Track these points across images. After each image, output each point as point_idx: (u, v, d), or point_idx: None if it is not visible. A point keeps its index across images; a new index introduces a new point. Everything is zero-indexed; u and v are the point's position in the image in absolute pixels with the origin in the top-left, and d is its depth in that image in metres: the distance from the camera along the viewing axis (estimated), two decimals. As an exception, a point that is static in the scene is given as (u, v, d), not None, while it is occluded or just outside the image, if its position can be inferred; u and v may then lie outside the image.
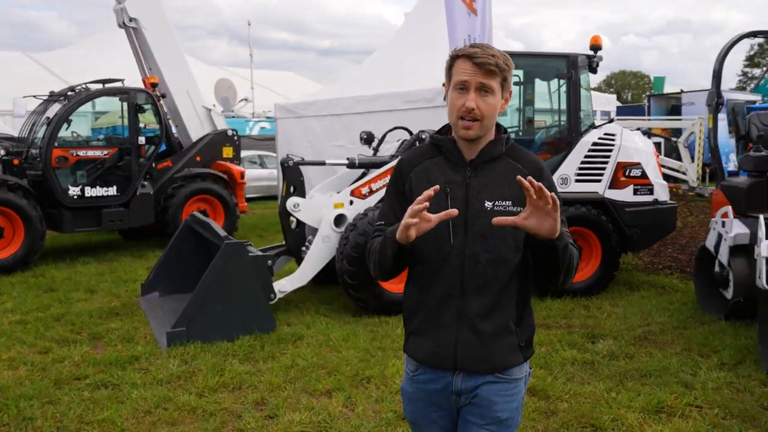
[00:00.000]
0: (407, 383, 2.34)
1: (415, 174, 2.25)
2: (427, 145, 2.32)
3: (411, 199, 2.11)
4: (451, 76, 2.16)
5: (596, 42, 7.51)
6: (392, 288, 6.82)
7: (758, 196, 6.20)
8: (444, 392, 2.24)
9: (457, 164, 2.22)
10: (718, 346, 5.56)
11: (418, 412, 2.33)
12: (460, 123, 2.14)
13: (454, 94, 2.14)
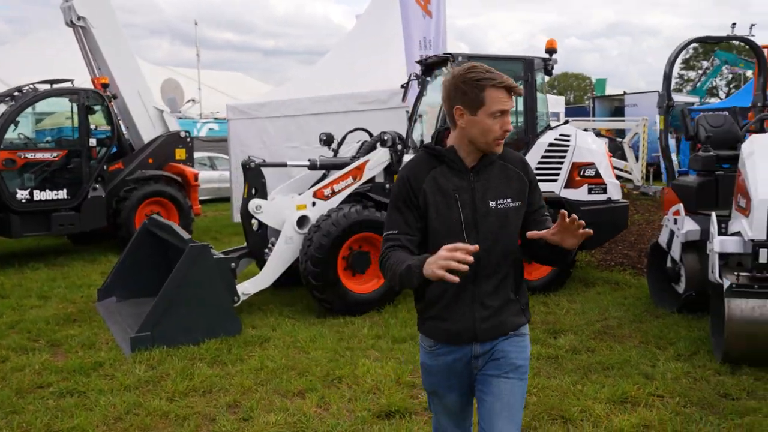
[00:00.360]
0: (426, 357, 2.59)
1: (428, 186, 2.44)
2: (424, 157, 2.50)
3: (426, 209, 2.41)
4: (483, 103, 2.33)
5: (551, 45, 7.70)
6: (357, 288, 6.87)
7: (707, 195, 6.48)
8: (462, 360, 2.52)
9: (460, 171, 2.46)
10: (673, 338, 5.79)
11: (437, 382, 2.59)
12: (495, 142, 2.39)
13: (491, 120, 2.34)
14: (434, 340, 2.54)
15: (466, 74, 2.34)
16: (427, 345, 2.58)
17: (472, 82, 2.32)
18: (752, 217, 4.97)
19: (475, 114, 2.35)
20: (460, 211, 2.41)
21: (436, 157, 2.47)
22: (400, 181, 2.46)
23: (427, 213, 2.42)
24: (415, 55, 10.52)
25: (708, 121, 6.97)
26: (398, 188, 2.46)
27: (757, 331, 4.89)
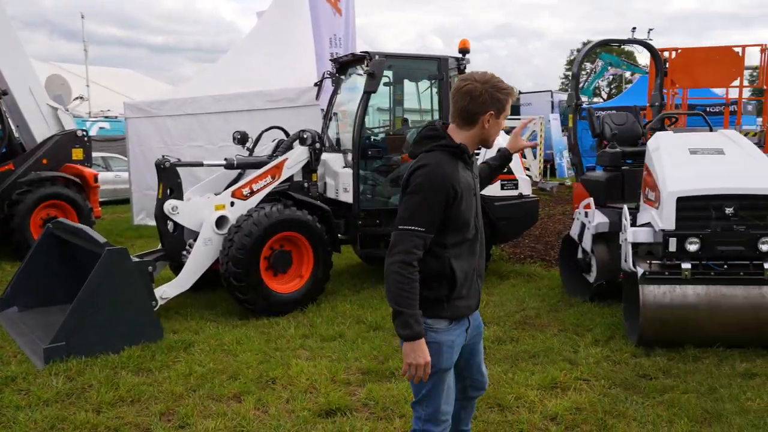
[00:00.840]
0: (447, 335, 2.76)
1: (461, 184, 2.68)
2: (445, 155, 2.70)
3: (458, 203, 2.66)
4: (504, 109, 2.76)
5: (464, 45, 7.90)
6: (279, 288, 6.78)
7: (615, 189, 6.87)
8: (464, 332, 2.87)
9: (467, 165, 2.78)
10: (589, 325, 6.10)
11: (455, 355, 2.83)
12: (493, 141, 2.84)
13: (501, 121, 2.77)
14: (455, 318, 2.78)
15: (498, 84, 2.70)
16: (445, 325, 2.76)
17: (502, 92, 2.71)
18: (662, 209, 5.31)
19: (498, 118, 2.73)
20: (474, 198, 2.78)
21: (455, 155, 2.71)
22: (440, 181, 2.61)
23: (455, 205, 2.65)
24: (326, 53, 10.52)
25: (612, 120, 7.38)
26: (436, 186, 2.61)
27: (668, 315, 5.24)
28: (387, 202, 7.75)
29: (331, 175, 7.78)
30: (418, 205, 2.61)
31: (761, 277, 5.18)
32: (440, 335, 2.73)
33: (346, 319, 6.51)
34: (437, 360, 2.72)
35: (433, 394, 2.80)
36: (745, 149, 5.76)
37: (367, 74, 7.17)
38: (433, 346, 2.70)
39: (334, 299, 7.24)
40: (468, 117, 2.71)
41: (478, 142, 2.78)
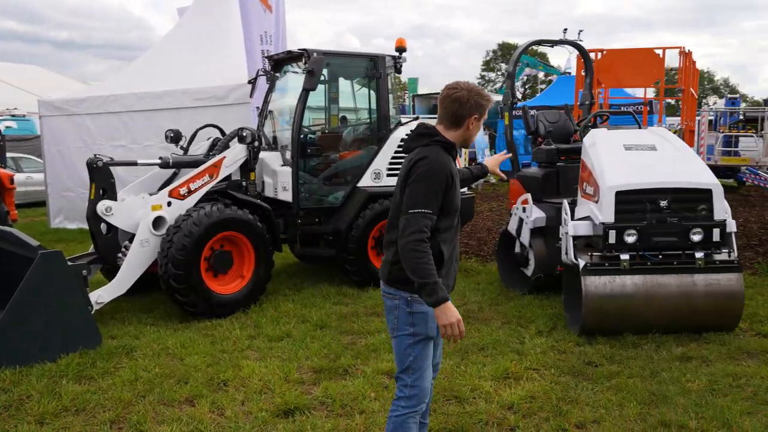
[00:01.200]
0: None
1: (454, 172, 3.07)
2: (440, 150, 3.05)
3: (453, 189, 3.03)
4: (484, 114, 3.13)
5: (401, 44, 7.96)
6: (220, 289, 6.64)
7: (551, 184, 7.10)
8: None
9: (453, 159, 3.14)
10: (531, 317, 6.28)
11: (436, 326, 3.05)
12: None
13: (480, 124, 3.15)
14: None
15: (481, 92, 3.10)
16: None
17: (484, 99, 3.10)
18: (601, 203, 5.53)
19: (479, 121, 3.13)
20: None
21: (447, 149, 3.09)
22: (441, 170, 2.97)
23: (450, 192, 3.01)
24: (257, 50, 10.37)
25: (546, 118, 7.62)
26: (439, 174, 2.96)
27: (609, 304, 5.46)
28: (326, 201, 7.72)
29: (269, 173, 7.68)
30: (424, 191, 2.93)
31: (692, 266, 5.47)
32: (424, 305, 3.00)
33: (291, 318, 6.44)
34: (424, 328, 3.05)
35: (419, 361, 3.09)
36: (675, 145, 6.07)
37: (307, 72, 7.12)
38: (421, 315, 3.03)
39: (276, 299, 7.15)
40: (456, 120, 3.09)
41: (461, 142, 3.17)
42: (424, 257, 2.86)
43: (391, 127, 7.91)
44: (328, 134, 8.08)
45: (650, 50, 10.51)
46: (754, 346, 5.31)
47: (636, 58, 10.41)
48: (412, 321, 3.04)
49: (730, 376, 4.72)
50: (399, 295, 3.07)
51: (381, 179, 7.83)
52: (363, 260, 7.54)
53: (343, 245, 7.49)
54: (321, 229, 7.66)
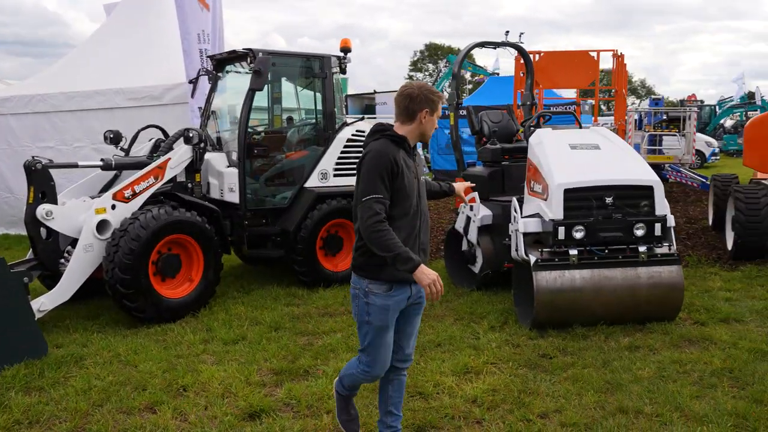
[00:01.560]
0: (383, 299, 3.34)
1: (402, 162, 3.32)
2: (387, 143, 3.33)
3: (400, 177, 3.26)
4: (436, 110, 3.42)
5: (346, 44, 7.98)
6: (169, 293, 6.51)
7: (496, 183, 7.27)
8: (404, 300, 3.41)
9: (408, 153, 3.44)
10: (482, 312, 6.42)
11: (390, 317, 3.38)
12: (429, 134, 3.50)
13: (435, 118, 3.44)
14: (392, 284, 3.34)
15: (431, 89, 3.40)
16: (382, 290, 3.34)
17: (434, 95, 3.39)
18: (551, 201, 5.72)
19: (431, 116, 3.41)
20: (415, 180, 3.39)
21: (398, 143, 3.36)
22: (383, 157, 3.23)
23: (398, 180, 3.26)
24: (194, 49, 10.15)
25: (490, 118, 7.80)
26: (381, 162, 3.22)
27: (559, 298, 5.65)
28: (273, 201, 7.67)
29: (215, 175, 7.56)
30: (370, 178, 3.22)
31: (636, 259, 5.73)
32: (378, 298, 3.34)
33: (243, 321, 6.37)
34: (378, 319, 3.37)
35: (373, 345, 3.43)
36: (617, 144, 6.34)
37: (253, 72, 7.05)
38: (375, 307, 3.35)
39: (225, 302, 7.05)
40: (408, 114, 3.39)
41: (417, 135, 3.44)
42: (386, 234, 3.15)
43: (336, 128, 7.93)
44: (275, 135, 8.02)
45: (585, 53, 10.93)
46: (695, 334, 5.61)
47: (572, 60, 10.80)
48: (368, 311, 3.38)
49: (677, 362, 4.98)
50: (359, 285, 3.40)
51: (328, 179, 7.83)
52: (312, 261, 7.53)
53: (291, 246, 7.46)
54: (269, 230, 7.60)
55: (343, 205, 7.67)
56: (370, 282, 3.34)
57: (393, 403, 3.69)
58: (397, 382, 3.68)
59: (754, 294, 6.83)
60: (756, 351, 5.15)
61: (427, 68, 63.06)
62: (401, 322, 3.50)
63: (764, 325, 5.86)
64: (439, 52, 65.98)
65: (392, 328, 3.43)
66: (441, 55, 66.20)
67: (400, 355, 3.60)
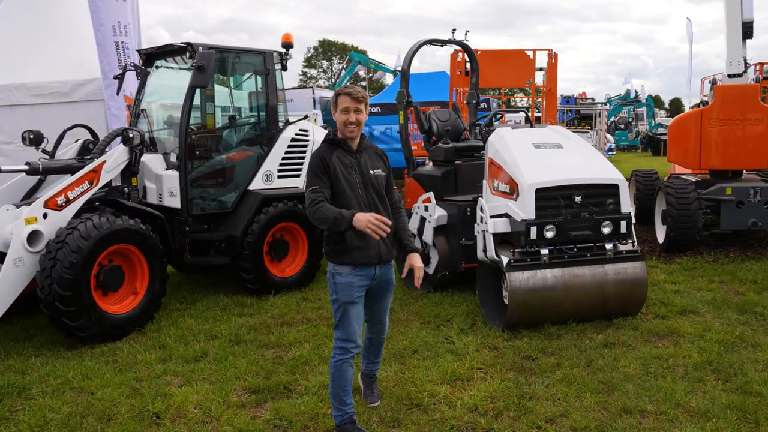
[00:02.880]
0: (349, 278, 3.80)
1: (335, 160, 3.78)
2: (326, 145, 3.88)
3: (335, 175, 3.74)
4: (337, 104, 3.82)
5: (288, 40, 7.63)
6: (113, 309, 5.97)
7: (449, 183, 7.18)
8: (368, 278, 3.86)
9: (349, 152, 3.88)
10: (447, 315, 6.30)
11: (355, 292, 3.81)
12: (347, 128, 3.82)
13: (341, 114, 3.81)
14: (356, 264, 3.79)
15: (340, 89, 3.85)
16: (347, 270, 3.80)
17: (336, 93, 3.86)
18: (522, 201, 5.67)
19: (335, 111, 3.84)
20: (355, 175, 3.81)
21: (335, 144, 3.87)
22: (314, 158, 3.80)
23: (333, 176, 3.74)
24: (109, 42, 9.47)
25: (438, 116, 7.69)
26: (312, 162, 3.79)
27: (532, 298, 5.62)
28: (216, 205, 7.22)
29: (152, 178, 7.02)
30: (307, 175, 3.81)
31: (603, 256, 5.80)
32: (342, 277, 3.80)
33: (198, 335, 5.93)
34: (343, 296, 3.81)
35: (343, 321, 3.84)
36: (577, 143, 6.39)
37: (196, 68, 6.57)
38: (340, 285, 3.81)
39: (171, 314, 6.56)
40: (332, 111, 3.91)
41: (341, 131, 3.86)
42: (321, 209, 3.61)
43: (280, 127, 7.58)
44: (216, 134, 7.55)
45: (521, 52, 11.08)
46: (661, 328, 5.74)
47: (508, 59, 10.91)
48: (336, 289, 3.83)
49: (657, 358, 5.06)
50: (329, 268, 3.89)
51: (272, 181, 7.48)
52: (259, 267, 7.15)
53: (238, 252, 7.05)
54: (212, 236, 7.15)
55: (289, 208, 7.34)
56: (336, 265, 3.82)
57: (371, 352, 4.34)
58: (376, 341, 4.28)
59: (699, 285, 7.13)
60: (724, 342, 5.33)
61: (321, 65, 62.64)
62: (372, 300, 3.99)
63: (720, 316, 6.10)
64: (332, 49, 65.79)
65: (359, 304, 3.85)
66: (335, 51, 66.08)
67: (377, 328, 4.18)
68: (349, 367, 3.86)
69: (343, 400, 3.89)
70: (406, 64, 7.44)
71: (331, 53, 64.49)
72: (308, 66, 64.02)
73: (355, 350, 3.85)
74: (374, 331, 4.19)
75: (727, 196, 8.55)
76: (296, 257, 7.63)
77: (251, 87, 7.67)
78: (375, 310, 4.06)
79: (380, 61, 31.22)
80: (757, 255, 8.50)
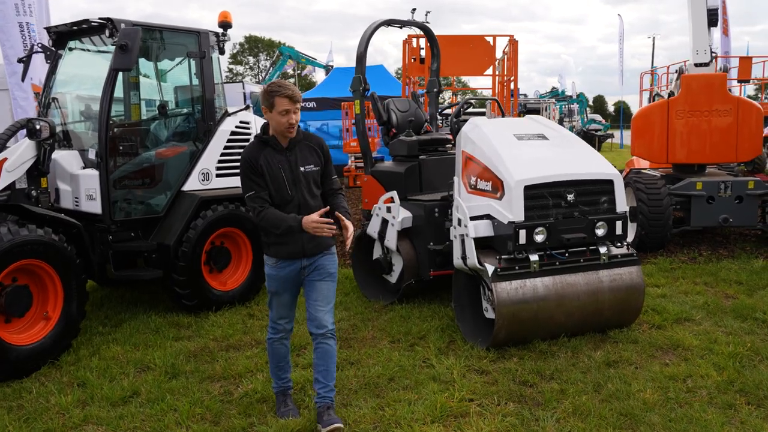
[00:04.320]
0: (273, 270, 3.91)
1: (263, 161, 3.75)
2: (255, 144, 3.83)
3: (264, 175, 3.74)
4: (274, 105, 3.68)
5: (225, 18, 6.67)
6: (20, 339, 4.92)
7: (414, 180, 6.39)
8: (295, 270, 3.89)
9: (278, 150, 3.81)
10: (419, 332, 5.50)
11: (280, 284, 3.92)
12: (287, 130, 3.75)
13: (280, 116, 3.70)
14: (278, 258, 3.87)
15: (270, 87, 3.70)
16: (272, 262, 3.92)
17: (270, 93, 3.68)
18: (509, 200, 4.92)
19: (270, 112, 3.72)
20: (283, 174, 3.77)
21: (264, 142, 3.81)
22: (243, 160, 3.76)
23: (264, 175, 3.73)
24: (12, 22, 8.28)
25: (397, 106, 6.88)
26: (242, 164, 3.76)
27: (522, 311, 4.90)
28: (145, 209, 6.19)
29: (66, 179, 5.94)
30: (242, 180, 3.80)
31: (598, 261, 5.14)
32: (268, 268, 3.96)
33: (126, 367, 4.94)
34: (268, 284, 3.98)
35: (272, 306, 4.04)
36: (561, 133, 5.71)
37: (118, 47, 5.54)
38: (267, 276, 3.97)
39: (92, 340, 5.52)
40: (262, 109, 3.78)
41: (274, 129, 3.79)
42: (267, 217, 3.70)
43: (217, 119, 6.61)
44: (144, 127, 6.50)
45: (481, 38, 10.36)
46: (663, 341, 5.12)
47: (467, 46, 10.18)
48: (266, 279, 4.00)
49: (672, 379, 4.41)
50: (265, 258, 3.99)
51: (210, 180, 6.50)
52: (196, 280, 6.17)
53: (171, 264, 6.05)
54: (140, 246, 6.11)
55: (231, 212, 6.40)
56: (266, 256, 3.97)
57: (319, 371, 3.92)
58: (320, 350, 3.91)
59: (684, 288, 6.59)
60: (738, 356, 4.75)
61: (247, 61, 60.89)
62: (307, 290, 3.95)
63: (720, 324, 5.54)
64: (259, 45, 64.08)
65: (285, 294, 3.95)
66: (262, 47, 64.36)
67: (314, 322, 3.91)
68: (281, 346, 4.07)
69: (278, 375, 4.15)
70: (362, 47, 6.58)
71: (258, 49, 62.77)
72: (234, 62, 62.09)
73: (283, 329, 4.04)
74: (313, 325, 3.91)
75: (697, 191, 8.11)
76: (239, 267, 6.68)
77: (184, 73, 6.65)
78: (311, 302, 3.93)
79: (311, 56, 30.20)
80: (731, 253, 8.09)
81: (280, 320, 4.02)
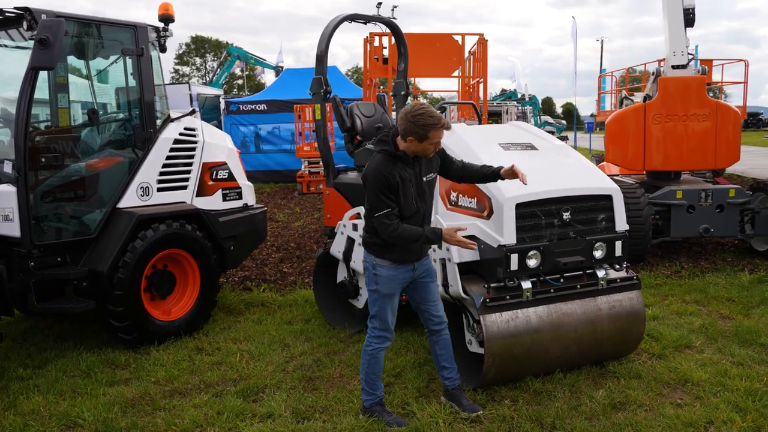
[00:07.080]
0: (391, 271, 3.92)
1: (398, 177, 3.76)
2: (388, 159, 3.79)
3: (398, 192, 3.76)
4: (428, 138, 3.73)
5: (167, 11, 5.90)
6: None
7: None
8: (409, 271, 3.99)
9: (407, 164, 3.84)
10: (393, 368, 4.82)
11: (398, 285, 3.98)
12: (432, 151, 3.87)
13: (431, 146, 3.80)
14: (399, 262, 3.91)
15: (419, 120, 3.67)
16: (388, 264, 3.91)
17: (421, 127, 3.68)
18: (499, 220, 4.29)
19: (421, 142, 3.75)
20: (413, 188, 3.85)
21: (395, 158, 3.80)
22: (383, 180, 3.72)
23: (397, 192, 3.76)
24: None
25: (361, 111, 6.20)
26: (380, 182, 3.73)
27: (514, 345, 4.28)
28: (73, 231, 5.37)
29: (-25, 196, 5.07)
30: (374, 196, 3.76)
31: (595, 287, 4.56)
32: (385, 270, 3.91)
33: (47, 422, 4.14)
34: (381, 287, 3.93)
35: (381, 313, 3.96)
36: (551, 142, 5.13)
37: (37, 41, 4.73)
38: (379, 277, 3.93)
39: (8, 388, 4.68)
40: (403, 134, 3.74)
41: (414, 151, 3.78)
42: (404, 233, 3.72)
43: (159, 125, 5.83)
44: (72, 135, 5.66)
45: (449, 36, 9.71)
46: (668, 375, 4.58)
47: (434, 45, 9.51)
48: (376, 281, 3.92)
49: (691, 426, 3.85)
50: (369, 259, 3.96)
51: (150, 196, 5.72)
52: (135, 310, 5.38)
53: (105, 293, 5.25)
54: (69, 273, 5.27)
55: (174, 231, 5.63)
56: (376, 258, 3.90)
57: (444, 359, 4.11)
58: (441, 341, 4.09)
59: (676, 309, 6.10)
60: (757, 395, 4.22)
61: (194, 62, 59.28)
62: (419, 293, 4.04)
63: (723, 350, 5.05)
64: (206, 45, 62.50)
65: (397, 296, 3.95)
66: (209, 48, 62.78)
67: (434, 320, 4.06)
68: (383, 355, 4.04)
69: (375, 385, 4.03)
70: (322, 45, 5.87)
71: (205, 50, 61.12)
72: (180, 63, 60.32)
73: (391, 339, 4.03)
74: (433, 323, 4.07)
75: (677, 200, 7.67)
76: (185, 293, 5.91)
77: (119, 72, 5.84)
78: (423, 301, 4.05)
79: (260, 57, 29.24)
80: (713, 265, 7.68)
81: (389, 327, 3.98)
